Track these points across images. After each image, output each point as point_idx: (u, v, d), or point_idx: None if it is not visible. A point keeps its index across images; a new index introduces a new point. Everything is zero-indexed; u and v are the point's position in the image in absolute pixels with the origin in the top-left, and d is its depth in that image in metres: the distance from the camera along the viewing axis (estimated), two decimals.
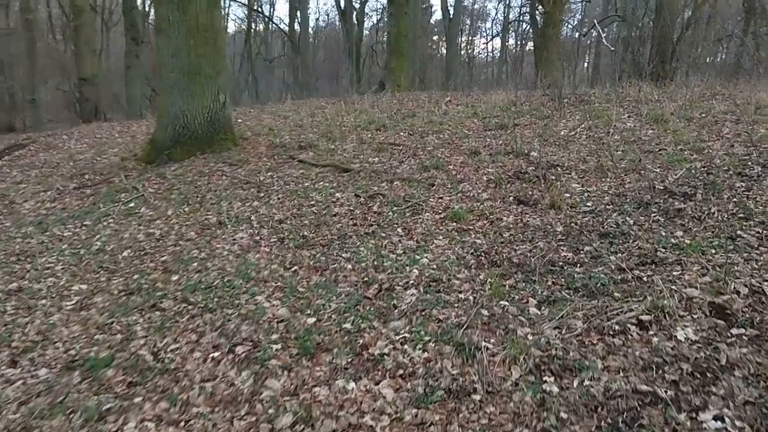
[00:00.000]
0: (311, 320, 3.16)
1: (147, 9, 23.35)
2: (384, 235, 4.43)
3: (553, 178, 5.34)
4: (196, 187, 6.06)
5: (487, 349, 2.67)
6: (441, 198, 5.15)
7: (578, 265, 3.52)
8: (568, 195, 4.84)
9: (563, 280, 3.34)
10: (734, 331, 2.64)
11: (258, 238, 4.60)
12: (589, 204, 4.58)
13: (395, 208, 4.98)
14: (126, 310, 3.49)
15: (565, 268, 3.50)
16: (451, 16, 28.76)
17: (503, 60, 39.80)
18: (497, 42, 41.68)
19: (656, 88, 10.18)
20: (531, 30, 28.81)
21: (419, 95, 13.73)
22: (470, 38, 42.12)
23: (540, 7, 23.19)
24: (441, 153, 6.89)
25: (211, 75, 7.16)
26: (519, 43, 39.47)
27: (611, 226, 4.03)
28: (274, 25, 34.85)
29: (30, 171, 7.79)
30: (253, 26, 35.03)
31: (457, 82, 29.15)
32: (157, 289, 3.73)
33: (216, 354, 2.87)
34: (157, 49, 7.12)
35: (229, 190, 5.90)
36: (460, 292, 3.35)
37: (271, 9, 37.98)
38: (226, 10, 37.48)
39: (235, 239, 4.60)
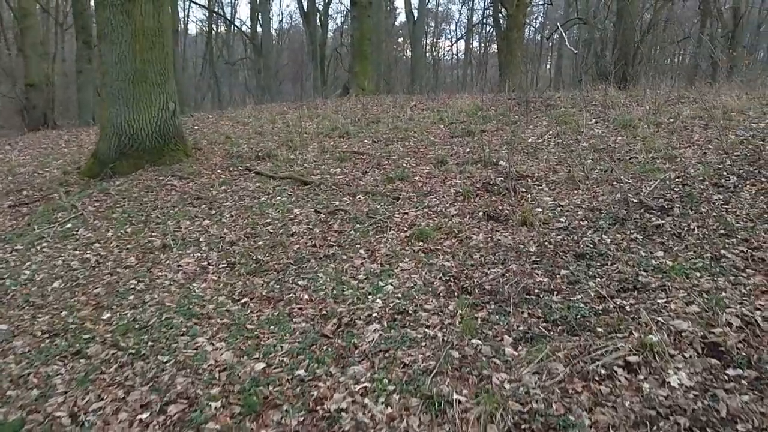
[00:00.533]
0: (259, 366, 2.75)
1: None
2: (345, 257, 4.05)
3: (524, 190, 5.05)
4: (142, 204, 5.56)
5: (459, 402, 2.32)
6: (407, 214, 4.80)
7: (555, 292, 3.20)
8: (539, 210, 4.54)
9: (540, 311, 3.01)
10: (731, 372, 2.36)
11: (206, 263, 4.16)
12: (562, 220, 4.29)
13: (358, 225, 4.61)
14: (48, 357, 3.02)
15: (541, 296, 3.17)
16: (416, 19, 28.55)
17: (468, 62, 39.90)
18: (461, 44, 41.74)
19: (622, 92, 10.07)
20: (495, 33, 28.84)
21: (384, 99, 13.40)
22: (435, 41, 42.09)
23: (503, 10, 23.18)
24: (406, 162, 6.55)
25: (158, 82, 6.66)
26: (483, 45, 39.60)
27: (587, 246, 3.74)
28: (235, 27, 34.06)
29: None
30: (215, 28, 34.21)
31: (423, 85, 28.97)
32: (85, 330, 3.26)
33: (144, 415, 2.43)
34: (100, 55, 6.58)
35: (177, 207, 5.43)
36: (428, 327, 2.99)
37: (233, 11, 37.13)
38: (186, 12, 36.58)
39: (180, 265, 4.15)
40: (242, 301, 3.53)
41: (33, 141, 10.51)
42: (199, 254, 4.33)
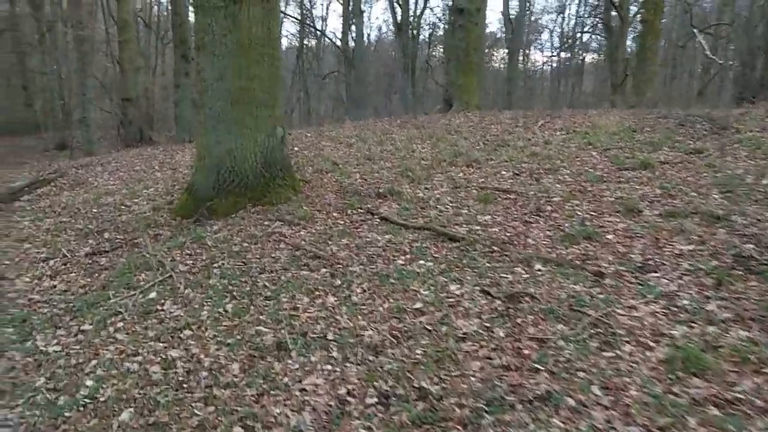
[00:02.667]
0: None
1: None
2: (573, 402, 2.42)
3: None
4: (244, 264, 4.20)
5: None
6: (634, 309, 3.11)
7: None
8: None
9: None
10: None
11: (343, 390, 2.67)
12: None
13: (562, 328, 2.97)
14: None
15: None
16: (514, 28, 26.62)
17: (561, 74, 37.27)
18: (541, 54, 39.20)
19: None
20: (605, 40, 26.31)
21: (499, 117, 11.72)
22: (526, 51, 39.70)
23: (615, 13, 20.78)
24: (579, 208, 4.86)
25: (265, 103, 5.36)
26: (578, 55, 36.86)
27: None
28: (327, 39, 33.45)
29: (44, 220, 6.17)
30: (305, 41, 33.77)
31: (518, 97, 26.90)
32: None
33: None
34: (197, 70, 5.37)
35: (290, 272, 4.02)
36: None
37: (323, 24, 36.65)
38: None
39: (304, 390, 2.69)
40: None
41: (126, 161, 9.67)
42: (329, 367, 2.85)
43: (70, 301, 3.95)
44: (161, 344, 3.22)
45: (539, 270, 3.71)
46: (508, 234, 4.39)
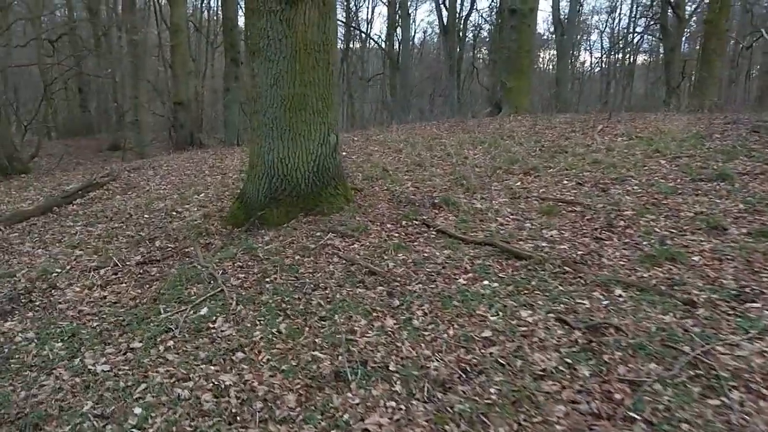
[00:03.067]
0: None
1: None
2: None
3: None
4: (297, 279, 3.99)
5: None
6: (737, 347, 2.73)
7: None
8: None
9: None
10: None
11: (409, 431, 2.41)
12: None
13: (659, 369, 2.61)
14: None
15: None
16: (564, 29, 25.84)
17: (610, 75, 36.05)
18: (590, 55, 38.03)
19: None
20: (658, 40, 25.31)
21: (551, 120, 11.27)
22: (573, 52, 38.55)
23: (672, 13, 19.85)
24: (656, 224, 4.45)
25: (319, 110, 5.15)
26: (629, 56, 35.57)
27: None
28: (372, 41, 33.33)
29: (95, 225, 6.14)
30: (350, 44, 33.75)
31: (567, 99, 26.09)
32: None
33: None
34: (252, 75, 5.20)
35: (345, 289, 3.78)
36: None
37: (368, 26, 36.56)
38: None
39: (367, 429, 2.44)
40: None
41: (177, 164, 9.69)
42: (393, 404, 2.59)
43: (119, 314, 3.82)
44: (213, 368, 3.03)
45: (620, 296, 3.36)
46: (580, 252, 4.04)
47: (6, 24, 13.59)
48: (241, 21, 18.46)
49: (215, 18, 28.37)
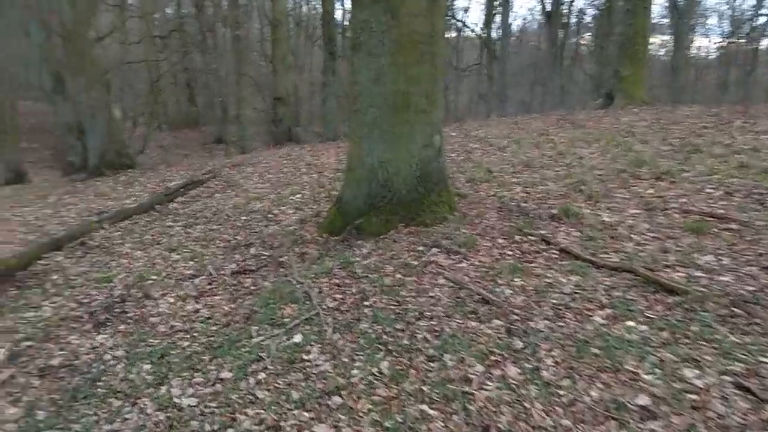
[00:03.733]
0: None
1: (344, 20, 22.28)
2: None
3: None
4: (399, 304, 3.51)
5: None
6: None
7: None
8: None
9: None
10: None
11: None
12: None
13: None
14: None
15: None
16: (681, 12, 23.46)
17: (730, 62, 32.44)
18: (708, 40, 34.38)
19: None
20: None
21: (674, 113, 10.03)
22: (690, 37, 35.10)
23: None
24: None
25: (424, 108, 4.62)
26: (753, 41, 31.78)
27: None
28: (470, 31, 32.21)
29: (194, 226, 6.03)
30: (445, 33, 32.84)
31: (679, 87, 23.71)
32: None
33: None
34: (351, 72, 4.77)
35: (454, 320, 3.25)
36: None
37: (464, 14, 35.42)
38: None
39: None
40: None
41: (275, 161, 9.58)
42: None
43: (211, 333, 3.54)
44: (306, 414, 2.61)
45: None
46: (750, 288, 3.22)
47: (122, 22, 14.27)
48: (338, 14, 18.35)
49: (313, 12, 28.60)
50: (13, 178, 14.71)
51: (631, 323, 2.99)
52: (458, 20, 32.81)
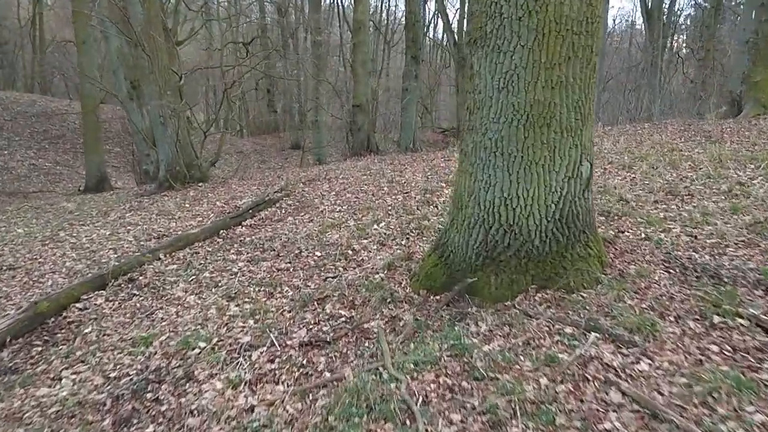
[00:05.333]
0: None
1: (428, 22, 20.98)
2: None
3: None
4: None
5: None
6: None
7: None
8: None
9: None
10: None
11: None
12: None
13: None
14: None
15: None
16: None
17: None
18: None
19: None
20: None
21: None
22: None
23: None
24: None
25: (571, 125, 3.22)
26: None
27: None
28: None
29: (260, 263, 4.91)
30: None
31: None
32: None
33: None
34: (469, 76, 3.43)
35: None
36: None
37: None
38: None
39: None
40: None
41: (353, 176, 8.41)
42: None
43: None
44: None
45: None
46: None
47: (202, 27, 13.71)
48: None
49: (393, 17, 27.59)
50: (94, 185, 14.52)
51: None
52: None
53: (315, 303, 3.82)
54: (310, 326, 3.50)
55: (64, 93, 26.62)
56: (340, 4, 23.80)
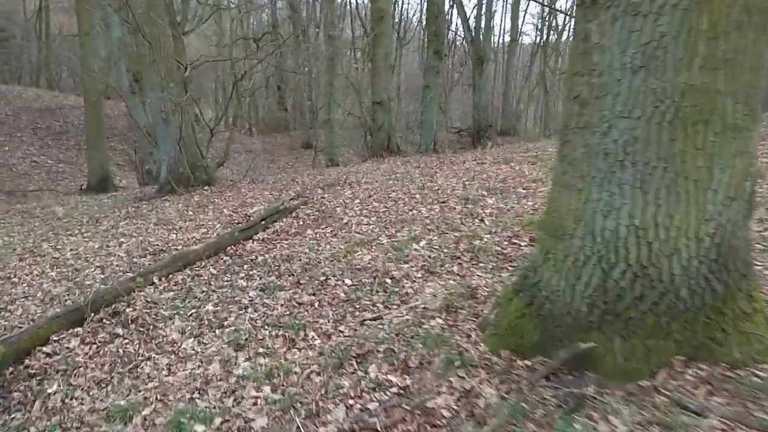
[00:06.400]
0: None
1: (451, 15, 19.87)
2: None
3: None
4: None
5: None
6: None
7: None
8: None
9: None
10: None
11: None
12: None
13: None
14: None
15: None
16: None
17: None
18: None
19: None
20: None
21: None
22: None
23: None
24: None
25: (737, 123, 2.17)
26: None
27: None
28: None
29: (275, 293, 3.89)
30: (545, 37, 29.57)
31: None
32: None
33: None
34: (582, 54, 2.38)
35: None
36: None
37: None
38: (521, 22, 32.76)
39: None
40: None
41: (378, 181, 7.38)
42: None
43: None
44: None
45: None
46: None
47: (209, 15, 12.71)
48: (447, 6, 16.07)
49: (405, 15, 26.51)
50: (97, 183, 13.55)
51: None
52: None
53: (353, 361, 2.78)
54: (350, 401, 2.47)
55: (72, 88, 25.73)
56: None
